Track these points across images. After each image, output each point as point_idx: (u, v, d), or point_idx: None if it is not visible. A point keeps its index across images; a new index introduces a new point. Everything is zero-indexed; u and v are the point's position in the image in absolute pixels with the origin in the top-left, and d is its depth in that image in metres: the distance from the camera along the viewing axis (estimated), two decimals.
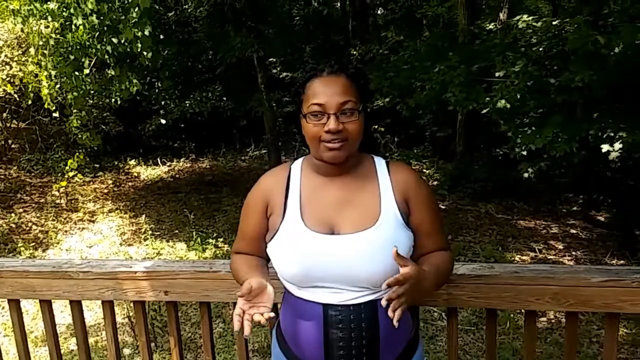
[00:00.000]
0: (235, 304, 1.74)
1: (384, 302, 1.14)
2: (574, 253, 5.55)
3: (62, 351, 3.97)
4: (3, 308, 4.43)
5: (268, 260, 1.40)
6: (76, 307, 1.84)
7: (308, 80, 1.30)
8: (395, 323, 1.12)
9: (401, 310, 1.13)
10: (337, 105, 1.24)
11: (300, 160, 1.41)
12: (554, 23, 5.38)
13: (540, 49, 4.65)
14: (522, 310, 1.65)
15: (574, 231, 6.15)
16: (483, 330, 3.81)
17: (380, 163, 1.37)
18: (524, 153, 4.32)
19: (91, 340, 4.00)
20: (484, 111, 4.62)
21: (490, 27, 6.58)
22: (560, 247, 5.73)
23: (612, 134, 3.91)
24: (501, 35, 5.34)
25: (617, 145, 3.85)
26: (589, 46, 3.80)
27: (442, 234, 1.39)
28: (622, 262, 5.21)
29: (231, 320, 1.76)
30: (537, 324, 3.82)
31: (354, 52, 9.61)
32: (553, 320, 4.09)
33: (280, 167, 1.42)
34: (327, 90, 1.25)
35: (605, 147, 3.97)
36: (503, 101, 4.33)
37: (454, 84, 4.72)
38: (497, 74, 4.49)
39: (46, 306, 1.86)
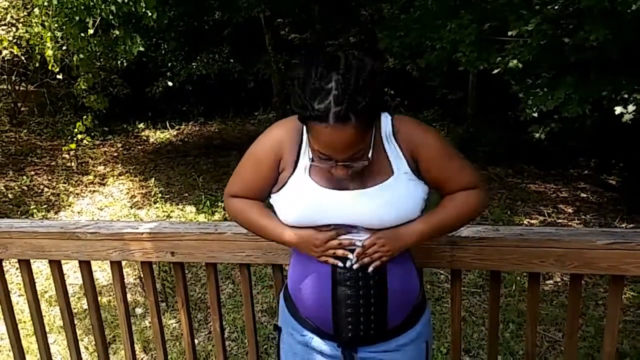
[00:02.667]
0: (241, 264, 1.77)
1: (349, 262, 1.30)
2: (583, 217, 5.53)
3: (76, 310, 4.07)
4: (17, 269, 4.53)
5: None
6: (85, 267, 1.88)
7: (312, 119, 1.14)
8: (370, 268, 1.30)
9: (379, 261, 1.30)
10: (345, 157, 1.19)
11: None
12: None
13: (556, 7, 4.50)
14: (527, 273, 1.65)
15: (584, 195, 6.11)
16: (489, 292, 3.85)
17: (386, 122, 1.33)
18: (535, 115, 4.24)
19: (104, 299, 4.10)
20: (496, 71, 4.52)
21: None
22: (570, 210, 5.71)
23: (625, 96, 3.82)
24: None
25: (631, 107, 3.76)
26: (604, 3, 3.67)
27: (464, 171, 1.36)
28: (631, 225, 5.19)
29: (240, 280, 1.78)
30: (543, 287, 3.83)
31: (364, 12, 9.40)
32: (559, 283, 4.11)
33: (293, 119, 1.30)
34: (333, 143, 1.15)
35: (618, 109, 3.88)
36: (515, 61, 4.22)
37: (465, 44, 4.61)
38: (509, 33, 4.36)
39: (56, 266, 1.89)
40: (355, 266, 1.29)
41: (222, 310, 1.91)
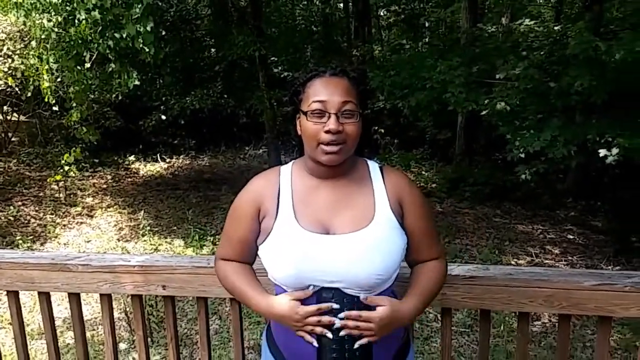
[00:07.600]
0: (232, 299, 1.77)
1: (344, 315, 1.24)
2: (570, 258, 5.57)
3: (59, 343, 3.96)
4: (0, 300, 4.43)
5: (253, 262, 1.42)
6: (74, 299, 1.86)
7: (309, 80, 1.29)
8: (356, 345, 1.24)
9: (366, 339, 1.24)
10: (338, 105, 1.24)
11: (289, 164, 1.40)
12: (555, 28, 5.42)
13: (542, 53, 4.67)
14: (516, 313, 1.66)
15: (571, 236, 6.17)
16: (478, 332, 3.83)
17: (374, 167, 1.37)
18: (522, 156, 4.34)
19: (87, 334, 4.01)
20: (483, 113, 4.65)
21: (492, 30, 6.61)
22: (557, 251, 5.75)
23: (610, 139, 3.94)
24: (503, 38, 5.37)
25: (615, 150, 3.87)
26: (589, 52, 3.82)
27: (436, 238, 1.41)
28: (617, 267, 5.23)
29: (227, 316, 1.76)
30: (531, 328, 3.82)
31: (356, 53, 9.63)
32: (547, 324, 4.11)
33: (270, 171, 1.41)
34: (329, 90, 1.25)
35: (602, 152, 3.99)
36: (502, 103, 4.35)
37: (454, 84, 4.74)
38: (497, 76, 4.51)
39: (44, 298, 1.87)
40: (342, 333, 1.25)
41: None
